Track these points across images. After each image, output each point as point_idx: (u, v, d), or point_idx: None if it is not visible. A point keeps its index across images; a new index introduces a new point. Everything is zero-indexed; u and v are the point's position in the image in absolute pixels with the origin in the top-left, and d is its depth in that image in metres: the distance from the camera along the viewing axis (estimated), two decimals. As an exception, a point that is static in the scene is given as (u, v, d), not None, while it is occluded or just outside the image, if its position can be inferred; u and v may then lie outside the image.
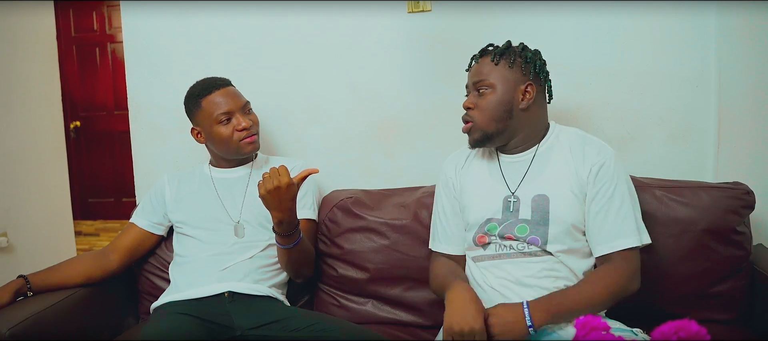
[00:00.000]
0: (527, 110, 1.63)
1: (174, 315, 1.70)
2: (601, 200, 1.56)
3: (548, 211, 1.58)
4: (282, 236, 1.72)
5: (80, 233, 5.27)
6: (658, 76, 2.01)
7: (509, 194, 1.63)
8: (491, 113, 1.62)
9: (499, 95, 1.62)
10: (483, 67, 1.65)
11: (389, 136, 2.18)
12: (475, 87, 1.66)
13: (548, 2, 2.02)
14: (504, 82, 1.62)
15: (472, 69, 1.70)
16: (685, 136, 2.03)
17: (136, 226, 2.00)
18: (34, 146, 3.30)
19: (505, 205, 1.63)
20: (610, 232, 1.55)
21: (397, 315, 1.95)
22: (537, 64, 1.64)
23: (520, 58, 1.64)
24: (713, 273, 1.78)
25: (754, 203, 1.80)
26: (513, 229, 1.60)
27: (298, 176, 1.67)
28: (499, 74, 1.63)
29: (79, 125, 5.80)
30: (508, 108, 1.62)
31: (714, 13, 1.95)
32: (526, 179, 1.63)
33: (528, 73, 1.63)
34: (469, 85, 1.70)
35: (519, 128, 1.65)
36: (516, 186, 1.63)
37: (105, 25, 5.68)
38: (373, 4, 2.10)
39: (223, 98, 1.89)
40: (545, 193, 1.59)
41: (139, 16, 2.25)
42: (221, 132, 1.89)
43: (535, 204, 1.59)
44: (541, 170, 1.63)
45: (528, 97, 1.62)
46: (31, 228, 3.22)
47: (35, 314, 1.68)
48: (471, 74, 1.70)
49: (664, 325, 0.96)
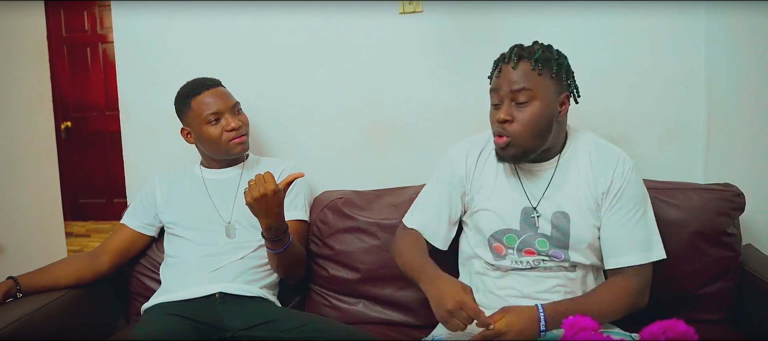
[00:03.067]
0: (561, 123, 1.54)
1: (165, 316, 1.70)
2: (619, 214, 1.52)
3: (569, 230, 1.53)
4: (271, 241, 1.72)
5: (71, 235, 5.25)
6: (648, 77, 2.02)
7: (529, 207, 1.56)
8: (534, 128, 1.48)
9: (542, 107, 1.47)
10: (523, 75, 1.48)
11: (381, 137, 2.18)
12: (511, 96, 1.49)
13: (540, 4, 2.02)
14: (547, 93, 1.48)
15: (507, 74, 1.50)
16: (675, 137, 2.04)
17: (127, 227, 1.99)
18: (25, 146, 3.28)
19: (523, 216, 1.56)
20: (624, 246, 1.51)
21: (389, 315, 1.95)
22: (570, 70, 1.54)
23: (557, 65, 1.50)
24: (703, 274, 1.79)
25: (744, 205, 1.81)
26: (533, 242, 1.54)
27: (284, 181, 1.66)
28: (543, 84, 1.48)
29: (70, 125, 5.77)
30: (550, 122, 1.49)
31: (703, 15, 1.96)
32: (547, 193, 1.56)
33: (565, 82, 1.52)
34: (501, 92, 1.51)
35: (551, 141, 1.54)
36: (537, 200, 1.56)
37: (96, 25, 5.66)
38: (366, 5, 2.10)
39: (213, 98, 1.89)
40: (566, 210, 1.53)
41: (130, 16, 2.24)
42: (210, 132, 1.88)
43: (556, 221, 1.54)
44: (561, 184, 1.55)
45: (565, 109, 1.52)
46: (22, 229, 3.20)
47: (25, 315, 1.67)
48: (505, 81, 1.50)
49: (652, 325, 0.96)
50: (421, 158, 2.12)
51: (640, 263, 1.51)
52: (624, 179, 1.52)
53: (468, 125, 1.91)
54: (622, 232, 1.51)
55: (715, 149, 2.00)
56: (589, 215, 1.53)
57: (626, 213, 1.51)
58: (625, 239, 1.51)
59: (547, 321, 1.38)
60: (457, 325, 1.35)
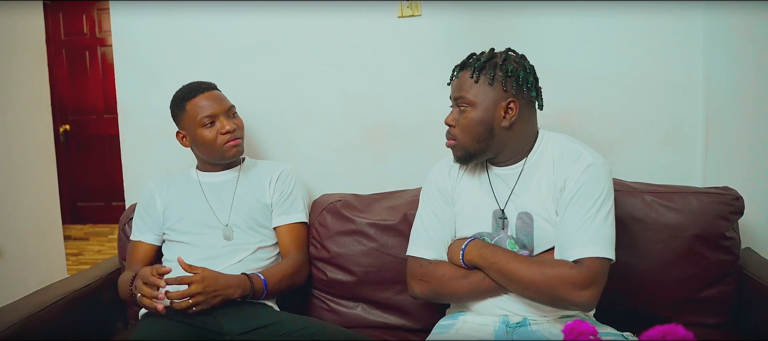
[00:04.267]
0: (511, 127, 1.54)
1: (163, 320, 1.69)
2: (571, 210, 1.47)
3: (533, 230, 1.55)
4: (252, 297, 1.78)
5: (69, 238, 5.24)
6: (646, 81, 2.03)
7: (498, 209, 1.60)
8: (472, 133, 1.55)
9: (478, 114, 1.54)
10: (463, 83, 1.57)
11: (379, 140, 2.18)
12: (456, 103, 1.59)
13: (538, 7, 2.03)
14: (484, 100, 1.53)
15: (453, 83, 1.61)
16: (673, 140, 2.04)
17: (145, 243, 1.96)
18: (23, 149, 3.28)
19: (494, 219, 1.60)
20: (572, 240, 1.45)
21: (387, 318, 1.95)
22: (520, 76, 1.53)
23: (501, 71, 1.53)
24: (702, 277, 1.79)
25: (743, 208, 1.81)
26: (504, 243, 1.56)
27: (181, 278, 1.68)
28: (478, 91, 1.54)
29: (68, 128, 5.78)
30: (489, 127, 1.54)
31: (701, 19, 1.97)
32: (512, 195, 1.59)
33: (510, 88, 1.52)
34: (451, 98, 1.62)
35: (504, 145, 1.57)
36: (504, 202, 1.59)
37: (95, 28, 5.67)
38: (364, 9, 2.11)
39: (208, 102, 1.89)
40: (529, 211, 1.55)
41: (129, 19, 2.24)
42: (205, 135, 1.88)
43: (520, 222, 1.56)
44: (526, 186, 1.57)
45: (510, 114, 1.53)
46: (20, 232, 3.20)
47: (23, 319, 1.67)
48: (452, 88, 1.61)
49: (651, 330, 0.96)
50: (419, 162, 2.12)
51: (581, 256, 1.43)
52: (579, 177, 1.49)
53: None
54: (571, 227, 1.46)
55: (713, 153, 2.00)
56: (553, 215, 1.53)
57: (579, 209, 1.46)
58: (573, 234, 1.45)
59: (466, 252, 1.54)
60: None
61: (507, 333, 1.52)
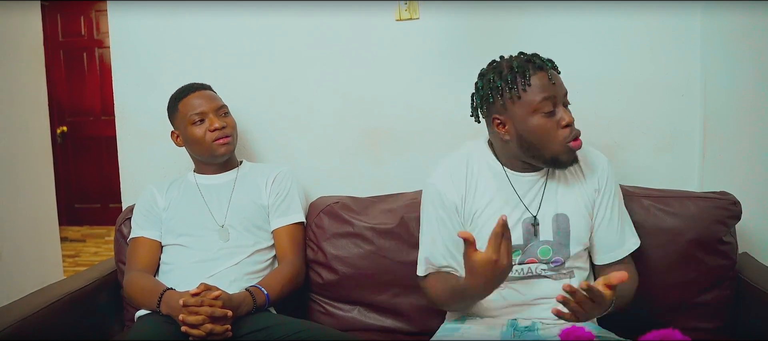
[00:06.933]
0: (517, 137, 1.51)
1: (159, 322, 1.69)
2: (607, 209, 1.58)
3: (569, 231, 1.55)
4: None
5: (66, 239, 5.23)
6: (644, 85, 2.03)
7: (530, 216, 1.55)
8: None
9: None
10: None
11: (377, 143, 2.18)
12: (563, 101, 1.51)
13: (534, 10, 2.03)
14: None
15: (557, 79, 1.51)
16: (671, 144, 2.04)
17: (148, 239, 1.92)
18: (21, 150, 3.28)
19: (525, 229, 1.55)
20: (617, 238, 1.59)
21: (384, 322, 1.95)
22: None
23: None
24: (700, 282, 1.79)
25: (740, 213, 1.81)
26: (535, 251, 1.55)
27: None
28: None
29: (65, 130, 5.78)
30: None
31: (699, 23, 1.97)
32: (545, 198, 1.56)
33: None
34: (558, 97, 1.49)
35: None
36: (536, 208, 1.55)
37: (93, 30, 5.67)
38: (362, 12, 2.11)
39: (198, 100, 1.91)
40: (565, 212, 1.55)
41: (126, 21, 2.23)
42: (195, 132, 1.89)
43: (557, 225, 1.55)
44: (555, 187, 1.57)
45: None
46: (17, 233, 3.20)
47: (19, 320, 1.66)
48: (558, 85, 1.50)
49: (648, 334, 0.96)
50: (417, 165, 2.11)
51: (633, 249, 1.62)
52: (608, 172, 1.61)
53: (463, 132, 1.89)
54: (611, 226, 1.59)
55: (711, 157, 2.00)
56: (586, 214, 1.58)
57: (616, 205, 1.60)
58: (615, 232, 1.59)
59: None
60: None
61: (514, 334, 1.52)
